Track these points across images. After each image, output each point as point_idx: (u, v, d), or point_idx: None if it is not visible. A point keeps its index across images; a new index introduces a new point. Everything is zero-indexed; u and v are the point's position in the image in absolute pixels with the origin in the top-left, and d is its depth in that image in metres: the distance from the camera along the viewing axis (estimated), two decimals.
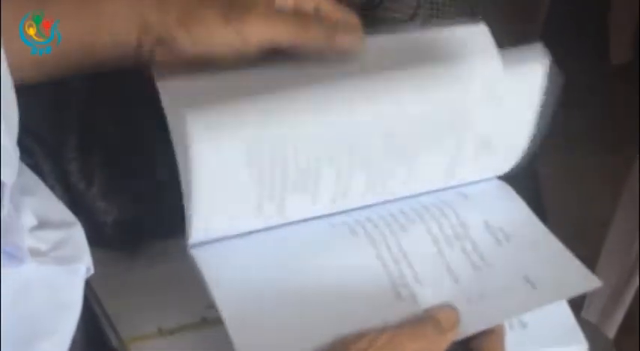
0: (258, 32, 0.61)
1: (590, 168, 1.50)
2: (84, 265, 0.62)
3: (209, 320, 0.65)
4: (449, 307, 0.59)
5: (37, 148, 0.72)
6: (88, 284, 0.68)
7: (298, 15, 0.63)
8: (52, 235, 0.60)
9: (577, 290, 0.64)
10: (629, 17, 1.56)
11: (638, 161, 1.03)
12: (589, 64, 1.64)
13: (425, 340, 0.56)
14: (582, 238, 1.32)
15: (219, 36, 0.61)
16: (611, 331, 1.16)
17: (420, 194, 0.67)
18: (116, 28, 0.62)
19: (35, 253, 0.57)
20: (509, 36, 0.92)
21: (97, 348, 0.67)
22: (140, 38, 0.62)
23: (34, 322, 0.56)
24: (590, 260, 1.18)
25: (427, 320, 0.57)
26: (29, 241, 0.57)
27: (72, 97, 0.72)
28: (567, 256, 0.66)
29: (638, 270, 1.09)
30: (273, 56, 0.63)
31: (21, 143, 0.71)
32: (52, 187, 0.71)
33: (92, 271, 0.63)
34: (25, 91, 0.71)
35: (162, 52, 0.62)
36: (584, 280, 0.64)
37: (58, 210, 0.64)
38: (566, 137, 1.54)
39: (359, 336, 0.56)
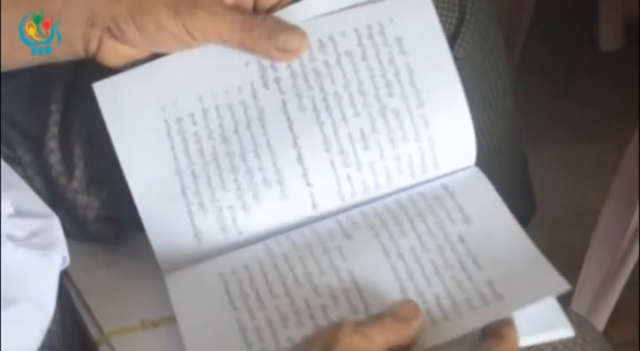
0: (205, 29, 0.62)
1: (581, 156, 1.50)
2: (59, 253, 0.62)
3: None
4: (405, 300, 0.58)
5: (19, 142, 0.72)
6: (69, 277, 0.67)
7: (245, 14, 0.63)
8: (28, 224, 0.61)
9: (546, 295, 0.60)
10: (618, 4, 1.57)
11: (629, 149, 1.03)
12: (579, 52, 1.64)
13: (389, 330, 0.55)
14: (572, 227, 1.32)
15: (168, 29, 0.62)
16: (600, 322, 1.16)
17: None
18: (65, 19, 0.62)
19: (12, 239, 0.58)
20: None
21: (74, 341, 0.66)
22: (86, 31, 0.62)
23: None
24: (580, 249, 1.18)
25: (386, 313, 0.56)
26: (6, 227, 0.58)
27: (53, 91, 0.72)
28: (539, 258, 0.62)
29: (628, 260, 1.09)
30: None
31: (2, 136, 0.71)
32: (32, 181, 0.71)
33: (68, 262, 0.63)
34: (6, 85, 0.71)
35: (109, 45, 0.63)
36: (554, 285, 0.60)
37: (35, 203, 0.64)
38: (557, 124, 1.53)
39: (323, 328, 0.55)
